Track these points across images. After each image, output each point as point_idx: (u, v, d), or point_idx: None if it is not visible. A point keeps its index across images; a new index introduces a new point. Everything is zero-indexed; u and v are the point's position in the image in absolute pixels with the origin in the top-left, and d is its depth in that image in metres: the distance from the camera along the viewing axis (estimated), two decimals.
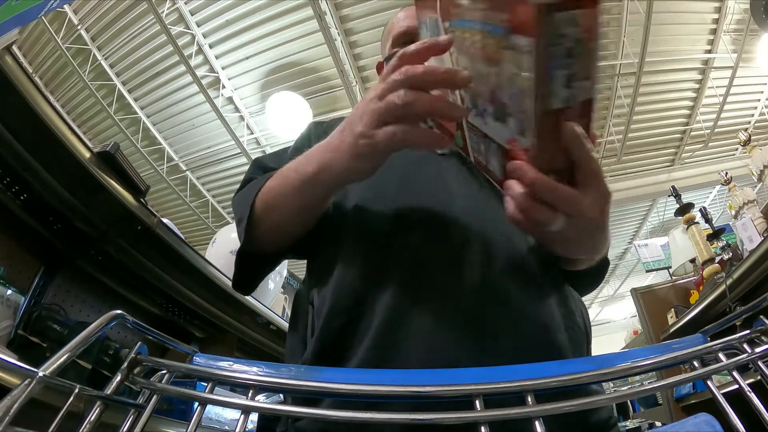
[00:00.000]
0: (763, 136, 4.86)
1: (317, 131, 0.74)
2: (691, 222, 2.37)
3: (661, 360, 0.36)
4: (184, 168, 5.57)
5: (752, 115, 5.39)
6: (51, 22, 4.04)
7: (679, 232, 2.93)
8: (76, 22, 4.16)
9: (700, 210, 2.34)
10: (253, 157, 5.14)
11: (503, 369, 0.38)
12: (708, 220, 2.25)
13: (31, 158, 1.00)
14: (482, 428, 0.31)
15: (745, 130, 2.26)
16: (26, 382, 0.30)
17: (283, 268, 2.25)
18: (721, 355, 0.36)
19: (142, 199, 1.17)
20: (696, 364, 0.36)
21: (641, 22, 4.01)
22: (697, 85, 4.96)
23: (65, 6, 3.95)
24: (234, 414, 0.44)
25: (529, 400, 0.33)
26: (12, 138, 0.96)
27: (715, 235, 2.17)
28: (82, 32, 4.22)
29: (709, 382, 0.35)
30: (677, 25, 4.26)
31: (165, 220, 1.35)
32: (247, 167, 0.72)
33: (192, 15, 4.19)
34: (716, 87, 4.85)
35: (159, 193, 5.71)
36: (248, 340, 1.91)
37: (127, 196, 1.12)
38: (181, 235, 1.40)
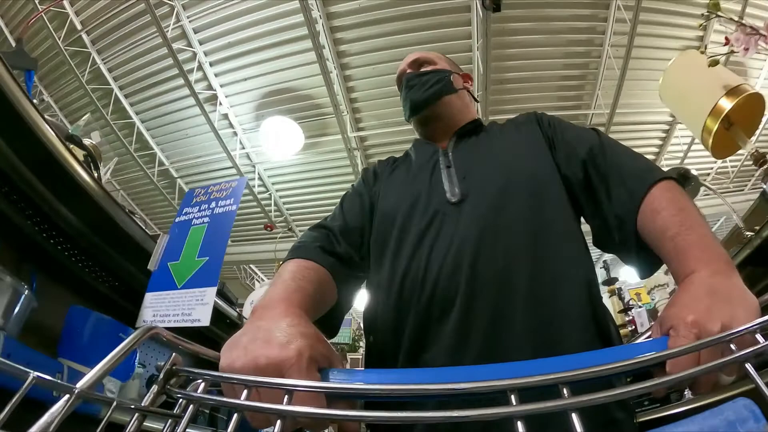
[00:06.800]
0: (723, 184, 5.31)
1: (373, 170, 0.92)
2: (612, 293, 3.02)
3: (696, 345, 0.35)
4: (175, 174, 5.63)
5: (712, 168, 5.64)
6: (51, 21, 4.03)
7: (606, 297, 3.53)
8: (78, 26, 4.16)
9: (618, 288, 3.04)
10: (243, 169, 5.26)
11: (534, 363, 0.38)
12: (621, 299, 3.01)
13: None
14: (518, 423, 0.31)
15: None
16: (65, 398, 0.31)
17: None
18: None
19: None
20: (733, 347, 0.35)
21: (616, 77, 4.30)
22: (664, 134, 5.27)
23: (68, 8, 3.96)
24: None
25: (565, 392, 0.32)
26: None
27: (624, 310, 2.93)
28: (83, 35, 4.23)
29: (747, 366, 0.34)
30: (650, 81, 4.37)
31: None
32: (236, 178, 0.80)
33: (195, 33, 4.25)
34: (681, 137, 5.18)
35: (147, 194, 5.85)
36: None
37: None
38: None
